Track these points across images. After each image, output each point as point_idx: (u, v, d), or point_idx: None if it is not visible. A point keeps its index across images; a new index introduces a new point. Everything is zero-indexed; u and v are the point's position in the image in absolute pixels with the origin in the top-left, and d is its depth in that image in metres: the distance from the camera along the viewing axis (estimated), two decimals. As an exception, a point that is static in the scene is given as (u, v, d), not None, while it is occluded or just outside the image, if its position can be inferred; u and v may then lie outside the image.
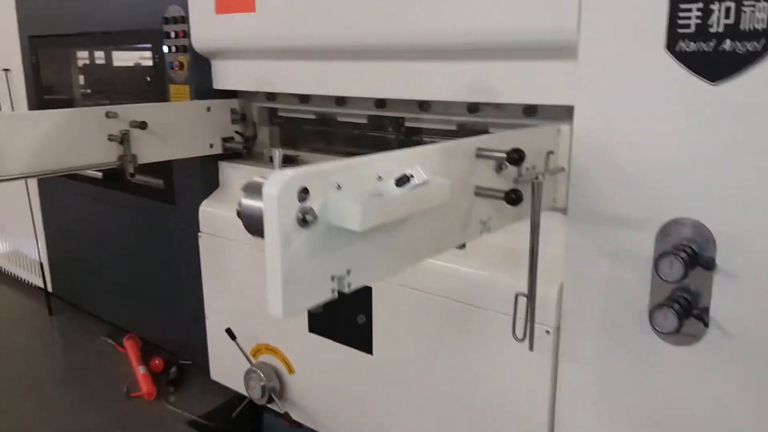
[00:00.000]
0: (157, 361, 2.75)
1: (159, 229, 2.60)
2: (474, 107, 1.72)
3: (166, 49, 2.25)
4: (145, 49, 2.42)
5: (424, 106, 1.84)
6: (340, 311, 1.92)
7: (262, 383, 2.18)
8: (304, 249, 0.82)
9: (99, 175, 2.71)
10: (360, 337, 1.90)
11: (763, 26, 1.11)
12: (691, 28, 1.17)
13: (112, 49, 2.70)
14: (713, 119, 1.19)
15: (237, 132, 2.22)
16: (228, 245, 2.24)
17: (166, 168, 2.35)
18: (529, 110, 1.61)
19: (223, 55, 2.16)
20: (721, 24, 1.14)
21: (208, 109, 2.14)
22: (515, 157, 1.09)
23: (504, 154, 1.11)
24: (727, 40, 1.14)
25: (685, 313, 1.26)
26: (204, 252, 2.35)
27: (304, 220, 0.80)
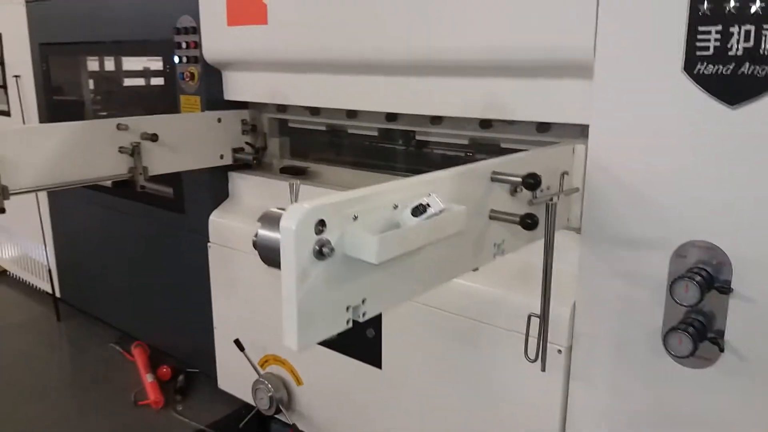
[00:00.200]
0: (165, 369, 2.74)
1: (168, 237, 2.60)
2: (487, 123, 1.70)
3: (177, 59, 2.25)
4: (156, 60, 2.42)
5: (436, 120, 1.83)
6: (350, 325, 1.91)
7: (270, 394, 2.18)
8: (320, 281, 0.82)
9: (108, 182, 2.70)
10: (369, 351, 1.89)
11: (783, 50, 1.10)
12: (710, 51, 1.16)
13: (123, 55, 2.70)
14: (731, 142, 1.18)
15: (247, 143, 2.21)
16: (237, 256, 2.23)
17: (176, 177, 2.35)
18: (542, 127, 1.60)
19: (235, 67, 2.16)
20: (741, 47, 1.13)
21: (219, 120, 2.14)
22: (531, 182, 1.08)
23: (519, 179, 1.10)
24: (747, 64, 1.13)
25: (700, 336, 1.25)
26: (213, 262, 2.35)
27: (321, 252, 0.79)
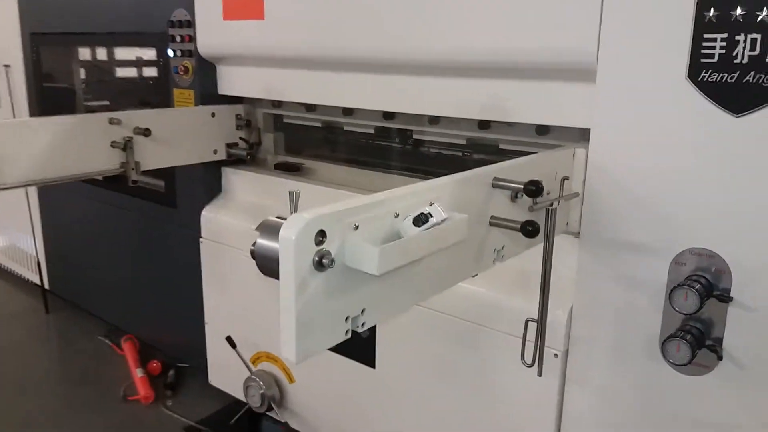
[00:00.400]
0: (155, 364, 2.73)
1: (159, 231, 2.57)
2: (485, 124, 1.68)
3: (171, 53, 2.21)
4: (149, 52, 2.38)
5: (434, 119, 1.81)
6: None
7: (262, 391, 2.16)
8: (320, 292, 0.80)
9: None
10: (363, 351, 1.88)
11: (789, 59, 1.09)
12: (715, 58, 1.14)
13: (116, 47, 2.66)
14: (733, 150, 1.17)
15: (241, 138, 2.19)
16: (230, 252, 2.21)
17: (168, 171, 2.32)
18: (542, 129, 1.58)
19: (230, 61, 2.12)
20: (746, 55, 1.11)
21: (213, 115, 2.11)
22: (532, 189, 1.06)
23: (521, 186, 1.08)
24: (752, 72, 1.11)
25: (698, 343, 1.24)
26: (205, 258, 2.32)
27: (321, 263, 0.77)
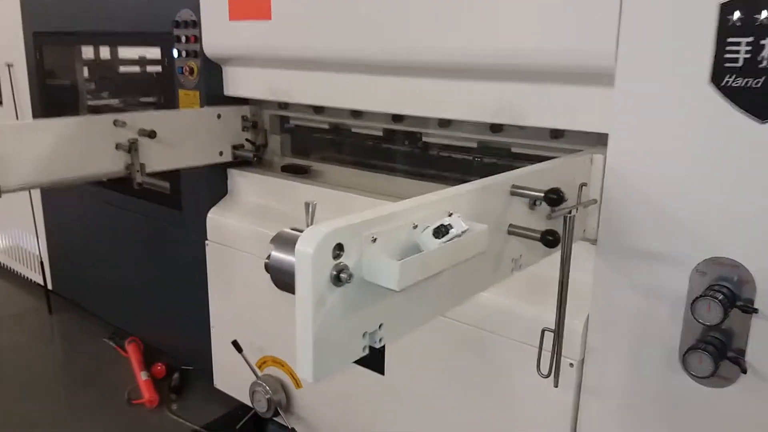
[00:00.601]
0: (159, 367, 2.70)
1: (164, 233, 2.54)
2: (497, 127, 1.65)
3: (176, 53, 2.17)
4: (154, 53, 2.35)
5: (444, 122, 1.77)
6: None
7: (268, 396, 2.13)
8: (337, 308, 0.77)
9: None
10: (372, 357, 1.85)
11: (818, 64, 1.05)
12: (739, 63, 1.11)
13: (120, 46, 2.63)
14: (758, 157, 1.13)
15: (248, 140, 2.15)
16: (236, 255, 2.18)
17: (173, 173, 2.28)
18: (556, 133, 1.55)
19: (236, 62, 2.09)
20: (773, 60, 1.08)
21: (219, 116, 2.07)
22: (553, 198, 1.03)
23: (542, 194, 1.05)
24: (778, 77, 1.08)
25: (720, 355, 1.21)
26: (211, 260, 2.29)
27: (339, 278, 0.74)
